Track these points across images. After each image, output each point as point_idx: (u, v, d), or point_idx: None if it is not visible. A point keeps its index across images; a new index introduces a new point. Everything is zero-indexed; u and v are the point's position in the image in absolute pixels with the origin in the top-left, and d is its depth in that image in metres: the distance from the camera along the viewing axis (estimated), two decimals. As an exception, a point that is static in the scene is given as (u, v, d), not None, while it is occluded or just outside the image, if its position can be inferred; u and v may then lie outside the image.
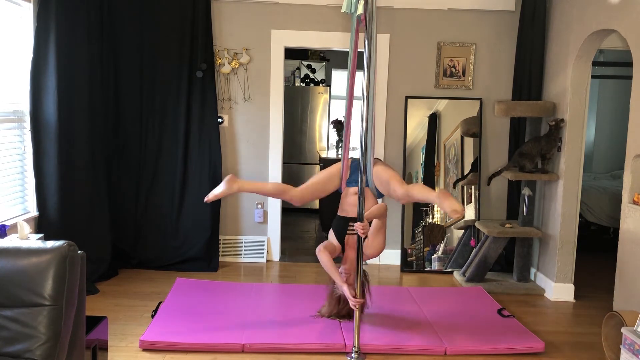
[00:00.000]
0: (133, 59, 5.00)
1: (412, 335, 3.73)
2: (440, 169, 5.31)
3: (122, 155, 5.08)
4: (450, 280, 5.10)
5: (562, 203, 4.60)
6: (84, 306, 2.31)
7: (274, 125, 5.33)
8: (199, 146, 5.10)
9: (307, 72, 8.22)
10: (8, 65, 4.09)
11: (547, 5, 4.96)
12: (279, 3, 5.18)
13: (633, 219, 3.62)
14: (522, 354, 3.59)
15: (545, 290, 4.78)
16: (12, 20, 4.10)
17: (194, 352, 3.44)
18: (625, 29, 3.85)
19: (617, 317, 3.41)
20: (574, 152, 4.57)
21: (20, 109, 4.23)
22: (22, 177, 4.29)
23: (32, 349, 2.05)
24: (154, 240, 5.12)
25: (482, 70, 5.31)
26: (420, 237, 5.30)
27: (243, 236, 5.41)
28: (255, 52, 5.25)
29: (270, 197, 5.24)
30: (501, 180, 5.32)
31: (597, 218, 6.19)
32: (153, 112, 5.07)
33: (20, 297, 2.10)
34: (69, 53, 4.32)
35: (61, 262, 2.13)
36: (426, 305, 4.29)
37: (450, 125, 5.32)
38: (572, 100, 4.54)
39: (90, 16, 4.57)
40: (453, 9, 5.23)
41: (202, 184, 5.11)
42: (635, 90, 3.72)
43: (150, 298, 4.32)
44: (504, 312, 4.16)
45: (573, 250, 4.64)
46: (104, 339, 2.86)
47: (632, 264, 3.63)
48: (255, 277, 4.98)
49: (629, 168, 3.70)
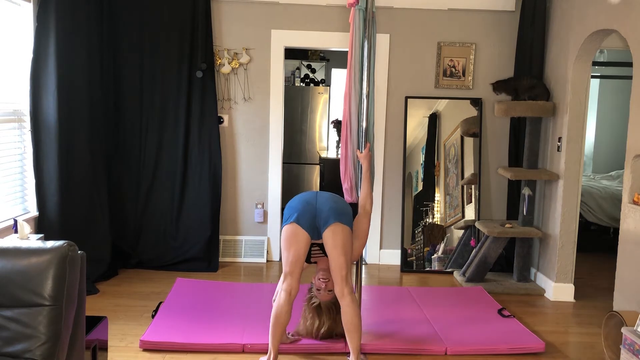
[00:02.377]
0: (133, 59, 5.00)
1: (413, 335, 3.73)
2: (440, 169, 5.31)
3: (122, 155, 5.08)
4: (450, 280, 5.10)
5: (562, 203, 4.59)
6: (84, 306, 2.31)
7: (274, 125, 5.33)
8: (199, 146, 5.10)
9: (307, 72, 8.22)
10: (8, 65, 4.09)
11: (547, 5, 4.96)
12: (279, 3, 5.18)
13: (633, 219, 3.62)
14: (522, 354, 3.59)
15: (545, 290, 4.78)
16: (12, 20, 4.10)
17: (194, 352, 3.44)
18: (625, 29, 3.85)
19: (617, 317, 3.41)
20: (574, 152, 4.57)
21: (20, 109, 4.23)
22: (22, 177, 4.29)
23: (32, 349, 2.05)
24: (154, 240, 5.12)
25: (482, 70, 5.31)
26: (420, 237, 5.30)
27: (243, 236, 5.41)
28: (255, 52, 5.25)
29: None
30: (501, 180, 5.32)
31: (597, 218, 6.19)
32: (153, 112, 5.07)
33: (20, 297, 2.09)
34: (69, 53, 4.32)
35: (61, 262, 2.13)
36: (426, 305, 4.29)
37: (450, 125, 5.32)
38: (572, 100, 4.54)
39: (90, 16, 4.57)
40: (453, 9, 5.23)
41: (202, 184, 5.11)
42: (635, 90, 3.72)
43: (150, 298, 4.32)
44: (504, 312, 4.16)
45: (573, 250, 4.64)
46: (104, 339, 2.85)
47: (632, 264, 3.63)
48: (255, 277, 4.98)
49: (629, 168, 3.70)
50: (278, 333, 3.25)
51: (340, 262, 3.23)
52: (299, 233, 3.26)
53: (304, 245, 3.28)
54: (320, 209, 3.31)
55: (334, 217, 3.27)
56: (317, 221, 3.29)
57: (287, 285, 3.24)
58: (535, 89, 4.78)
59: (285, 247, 3.29)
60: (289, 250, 3.27)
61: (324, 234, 3.28)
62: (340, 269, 3.23)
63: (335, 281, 3.25)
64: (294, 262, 3.25)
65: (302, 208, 3.32)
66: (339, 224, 3.27)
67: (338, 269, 3.23)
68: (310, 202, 3.35)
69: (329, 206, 3.32)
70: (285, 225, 3.32)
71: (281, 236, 3.35)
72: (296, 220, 3.27)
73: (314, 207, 3.32)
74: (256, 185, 5.38)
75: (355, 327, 3.22)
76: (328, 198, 3.41)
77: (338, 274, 3.23)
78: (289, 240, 3.28)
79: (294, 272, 3.25)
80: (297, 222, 3.27)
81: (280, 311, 3.23)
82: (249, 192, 5.38)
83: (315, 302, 3.49)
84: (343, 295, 3.22)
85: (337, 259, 3.24)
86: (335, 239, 3.25)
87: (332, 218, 3.27)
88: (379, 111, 5.21)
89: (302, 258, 3.29)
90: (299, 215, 3.28)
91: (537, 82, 4.81)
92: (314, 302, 3.49)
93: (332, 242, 3.25)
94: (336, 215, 3.29)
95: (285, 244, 3.29)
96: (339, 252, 3.24)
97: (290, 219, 3.29)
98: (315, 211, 3.30)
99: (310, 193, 3.48)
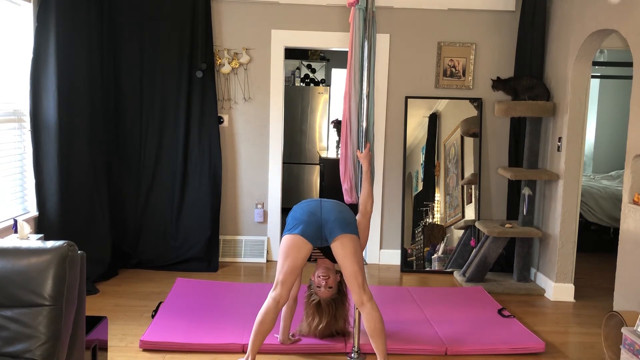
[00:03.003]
0: (133, 59, 5.00)
1: (413, 335, 3.73)
2: (440, 169, 5.31)
3: (122, 155, 5.08)
4: (450, 280, 5.10)
5: (562, 203, 4.59)
6: (84, 306, 2.31)
7: (274, 125, 5.33)
8: (199, 146, 5.10)
9: (307, 72, 8.22)
10: (8, 65, 4.09)
11: (547, 5, 4.96)
12: (279, 3, 5.18)
13: (633, 219, 3.62)
14: (522, 354, 3.59)
15: (545, 290, 4.78)
16: (12, 20, 4.10)
17: (194, 352, 3.44)
18: (625, 29, 3.85)
19: (617, 317, 3.41)
20: (574, 152, 4.57)
21: (20, 109, 4.23)
22: (22, 177, 4.29)
23: (32, 349, 2.05)
24: (154, 240, 5.12)
25: (482, 70, 5.30)
26: (420, 237, 5.30)
27: (243, 236, 5.41)
28: (255, 52, 5.25)
29: None
30: (501, 180, 5.32)
31: (597, 218, 6.19)
32: (153, 112, 5.07)
33: (20, 297, 2.09)
34: (69, 53, 4.32)
35: (61, 262, 2.13)
36: (426, 305, 4.29)
37: (450, 125, 5.32)
38: (572, 100, 4.53)
39: (90, 16, 4.57)
40: (453, 9, 5.23)
41: (202, 184, 5.11)
42: (635, 90, 3.72)
43: (150, 298, 4.32)
44: (504, 312, 4.16)
45: (573, 250, 4.64)
46: (104, 339, 2.85)
47: (632, 264, 3.63)
48: (255, 277, 4.98)
49: (629, 168, 3.70)
50: (258, 340, 3.18)
51: (354, 270, 3.19)
52: (302, 245, 3.22)
53: (303, 256, 3.23)
54: (325, 219, 3.28)
55: (341, 228, 3.25)
56: (323, 232, 3.26)
57: (276, 293, 3.19)
58: (535, 89, 4.77)
59: (283, 255, 3.24)
60: (286, 260, 3.22)
61: (333, 245, 3.24)
62: (356, 277, 3.18)
63: (353, 290, 3.20)
64: (289, 272, 3.20)
65: (307, 219, 3.28)
66: (346, 234, 3.24)
67: (353, 278, 3.19)
68: (315, 213, 3.31)
69: (334, 216, 3.29)
70: (288, 235, 3.27)
71: (281, 243, 3.30)
72: (301, 233, 3.23)
73: (319, 218, 3.29)
74: (256, 185, 5.38)
75: (380, 332, 3.16)
76: (332, 207, 3.37)
77: (354, 283, 3.18)
78: (289, 250, 3.23)
79: (286, 282, 3.20)
80: (302, 234, 3.23)
81: (265, 318, 3.17)
82: (249, 192, 5.38)
83: (315, 300, 3.47)
84: (363, 303, 3.17)
85: (349, 267, 3.20)
86: (345, 249, 3.22)
87: (339, 229, 3.24)
88: (379, 111, 5.21)
89: (298, 270, 3.25)
90: (304, 228, 3.24)
91: (536, 82, 4.81)
92: (314, 300, 3.48)
93: (342, 252, 3.22)
94: (342, 226, 3.26)
95: (284, 253, 3.24)
96: (351, 261, 3.20)
97: (295, 230, 3.25)
98: (321, 222, 3.27)
99: (313, 202, 3.44)
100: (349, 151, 3.66)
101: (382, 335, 3.18)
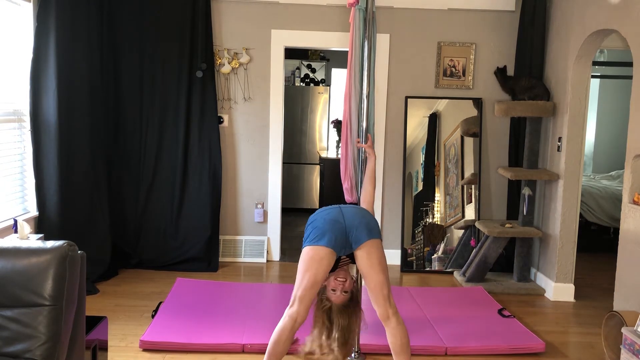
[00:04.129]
0: (133, 59, 5.00)
1: (413, 335, 3.70)
2: (440, 169, 5.31)
3: (122, 155, 5.08)
4: (451, 280, 5.10)
5: (562, 203, 4.59)
6: (84, 306, 2.31)
7: (274, 125, 5.33)
8: (199, 146, 5.10)
9: (307, 72, 8.22)
10: (8, 65, 4.09)
11: (547, 5, 4.96)
12: (279, 3, 5.18)
13: (633, 219, 3.62)
14: (522, 354, 3.59)
15: (546, 290, 4.78)
16: (12, 20, 4.10)
17: (194, 352, 3.44)
18: (625, 29, 3.85)
19: (617, 317, 3.41)
20: (574, 152, 4.57)
21: (20, 109, 4.23)
22: (22, 177, 4.29)
23: (32, 349, 2.05)
24: (154, 240, 5.12)
25: (482, 70, 5.30)
26: (420, 237, 5.30)
27: (243, 236, 5.41)
28: (255, 52, 5.25)
29: None
30: (501, 180, 5.32)
31: (597, 218, 6.19)
32: (153, 112, 5.07)
33: (20, 297, 2.09)
34: (69, 53, 4.32)
35: (61, 262, 2.13)
36: (426, 305, 4.29)
37: (450, 125, 5.32)
38: (572, 100, 4.54)
39: (90, 16, 4.57)
40: (453, 9, 5.23)
41: (202, 184, 5.12)
42: (635, 90, 3.72)
43: (150, 298, 4.32)
44: (505, 312, 4.16)
45: (573, 250, 4.64)
46: (104, 339, 2.85)
47: (632, 264, 3.63)
48: (255, 277, 4.98)
49: (629, 168, 3.70)
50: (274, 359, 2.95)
51: (381, 280, 2.97)
52: (325, 257, 2.95)
53: (325, 269, 2.97)
54: (350, 225, 3.04)
55: (367, 234, 3.03)
56: (349, 239, 3.02)
57: (293, 311, 2.92)
58: (534, 89, 4.77)
59: (304, 268, 2.96)
60: (306, 273, 2.94)
61: (358, 253, 3.02)
62: (382, 288, 2.95)
63: (377, 303, 2.96)
64: (309, 288, 2.92)
65: (331, 228, 3.02)
66: (373, 240, 3.03)
67: (379, 289, 2.95)
68: (338, 220, 3.06)
69: (358, 221, 3.07)
70: (312, 246, 2.99)
71: (302, 255, 3.02)
72: (328, 243, 2.96)
73: (343, 226, 3.04)
74: (256, 185, 5.38)
75: (406, 349, 2.97)
76: (355, 212, 3.16)
77: (380, 294, 2.95)
78: (311, 263, 2.95)
79: (305, 299, 2.92)
80: (329, 245, 2.95)
81: (280, 338, 2.92)
82: (249, 192, 5.38)
83: (327, 305, 3.08)
84: (388, 317, 2.95)
85: (375, 277, 2.97)
86: (371, 258, 3.00)
87: (365, 235, 3.02)
88: (379, 111, 5.21)
89: (319, 285, 2.98)
90: (330, 237, 2.97)
91: (536, 82, 4.81)
92: (325, 305, 3.09)
93: (369, 262, 3.00)
94: (368, 231, 3.05)
95: (305, 266, 2.96)
96: (377, 271, 2.98)
97: (320, 241, 2.97)
98: (346, 228, 3.03)
99: (333, 210, 3.18)
100: (349, 151, 3.66)
101: (407, 352, 2.98)
